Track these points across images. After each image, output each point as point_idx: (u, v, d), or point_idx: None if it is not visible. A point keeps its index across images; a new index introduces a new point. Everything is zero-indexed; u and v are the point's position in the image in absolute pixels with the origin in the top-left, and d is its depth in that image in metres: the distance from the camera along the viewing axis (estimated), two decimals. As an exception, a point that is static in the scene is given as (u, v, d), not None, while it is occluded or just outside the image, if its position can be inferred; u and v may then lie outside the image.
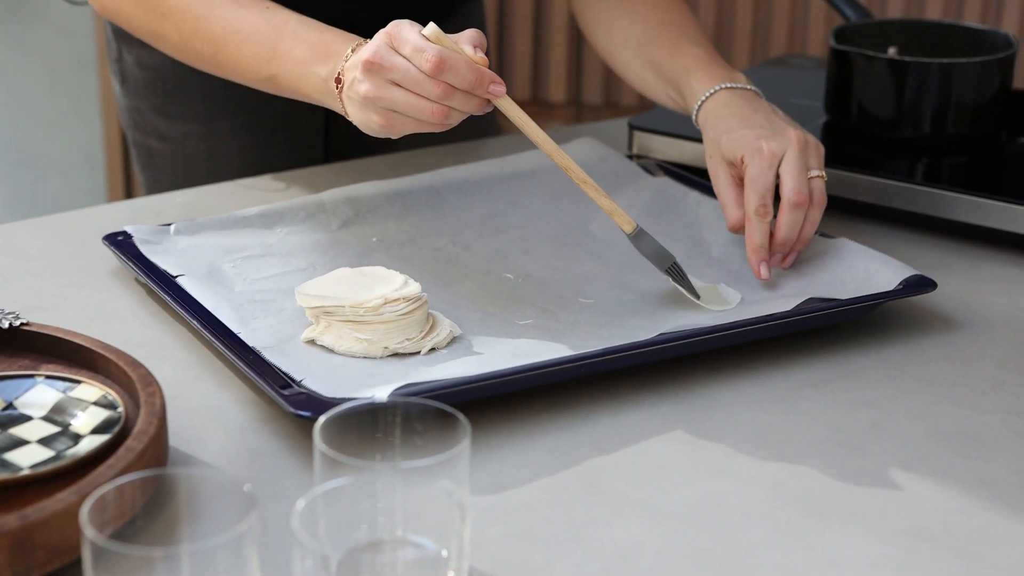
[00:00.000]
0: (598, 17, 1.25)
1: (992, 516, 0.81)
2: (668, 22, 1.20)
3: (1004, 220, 1.15)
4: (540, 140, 1.00)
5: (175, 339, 0.99)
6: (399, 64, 0.95)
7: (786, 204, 1.04)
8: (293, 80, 1.06)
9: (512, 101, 0.98)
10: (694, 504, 0.82)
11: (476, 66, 0.95)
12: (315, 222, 1.12)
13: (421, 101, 0.95)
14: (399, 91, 0.96)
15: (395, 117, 0.97)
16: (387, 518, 0.70)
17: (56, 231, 1.17)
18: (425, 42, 0.95)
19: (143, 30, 1.14)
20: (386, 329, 0.93)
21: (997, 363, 0.99)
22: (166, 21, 1.11)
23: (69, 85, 2.50)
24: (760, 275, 1.04)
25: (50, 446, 0.81)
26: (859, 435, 0.89)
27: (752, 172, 1.04)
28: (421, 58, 0.94)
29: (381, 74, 0.96)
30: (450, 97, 0.95)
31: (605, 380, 0.94)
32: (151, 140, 1.36)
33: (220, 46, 1.09)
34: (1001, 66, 1.26)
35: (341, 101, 1.01)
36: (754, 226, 1.04)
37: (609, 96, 2.38)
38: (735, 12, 2.32)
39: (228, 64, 1.10)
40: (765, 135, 1.05)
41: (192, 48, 1.11)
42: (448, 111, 0.96)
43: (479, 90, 0.96)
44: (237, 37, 1.08)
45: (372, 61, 0.96)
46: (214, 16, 1.08)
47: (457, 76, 0.95)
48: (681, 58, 1.16)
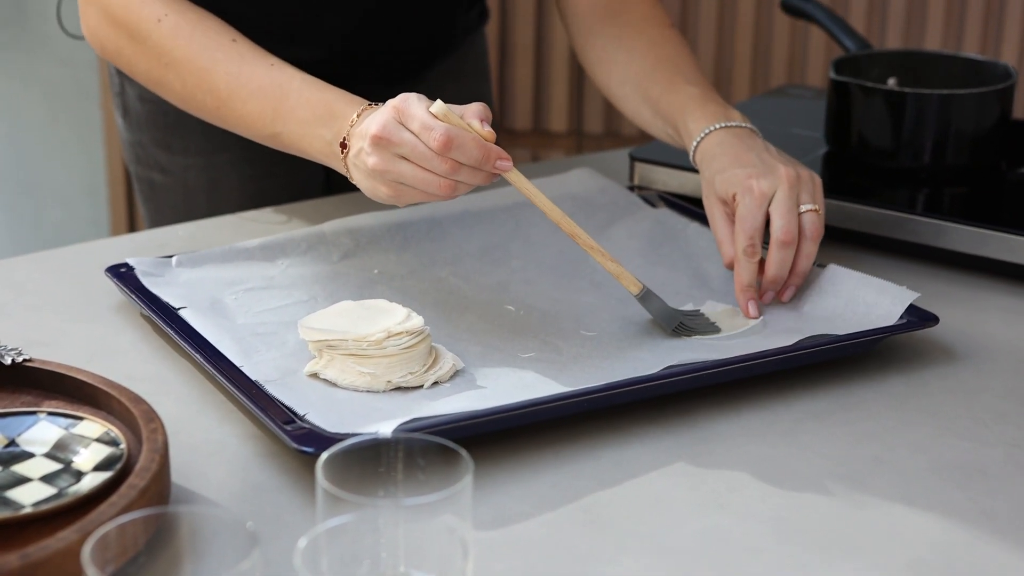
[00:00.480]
0: (597, 54, 1.26)
1: (995, 549, 0.81)
2: (664, 59, 1.21)
3: (1004, 250, 1.15)
4: (547, 209, 1.01)
5: (177, 373, 0.99)
6: (407, 140, 0.96)
7: (775, 243, 1.05)
8: (297, 140, 1.06)
9: (519, 173, 0.99)
10: (697, 538, 0.82)
11: (483, 142, 0.96)
12: (316, 254, 1.12)
13: (428, 175, 0.96)
14: (407, 165, 0.97)
15: (402, 189, 0.98)
16: (390, 554, 0.70)
17: (57, 265, 1.17)
18: (433, 119, 0.95)
19: (144, 77, 1.14)
20: (389, 363, 0.93)
21: (999, 395, 0.99)
22: (169, 71, 1.11)
23: (71, 117, 2.51)
24: (749, 313, 1.05)
25: (52, 483, 0.81)
26: (861, 468, 0.89)
27: (741, 211, 1.05)
28: (429, 136, 0.95)
29: (389, 148, 0.97)
30: (457, 172, 0.96)
31: (607, 414, 0.94)
32: (153, 173, 1.37)
33: (224, 100, 1.09)
34: (1000, 96, 1.27)
35: (346, 166, 1.02)
36: (742, 265, 1.05)
37: (610, 126, 2.39)
38: (735, 43, 2.33)
39: (232, 118, 1.10)
40: (756, 174, 1.06)
41: (195, 99, 1.11)
42: (455, 185, 0.97)
43: (486, 165, 0.96)
44: (241, 93, 1.08)
45: (380, 136, 0.96)
46: (218, 70, 1.09)
47: (464, 153, 0.95)
48: (677, 97, 1.17)
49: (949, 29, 2.27)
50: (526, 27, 2.36)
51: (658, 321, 1.03)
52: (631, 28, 1.23)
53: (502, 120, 2.36)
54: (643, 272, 1.13)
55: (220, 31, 1.10)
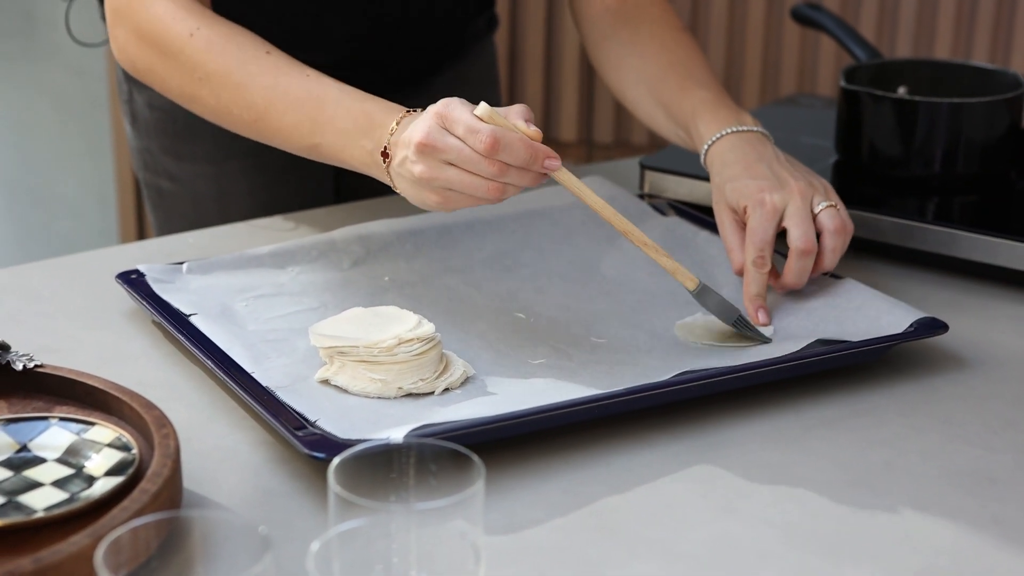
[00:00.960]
0: (610, 58, 1.26)
1: (1004, 555, 0.81)
2: (677, 62, 1.21)
3: (1015, 259, 1.15)
4: (599, 207, 1.00)
5: (188, 380, 0.99)
6: (453, 145, 0.95)
7: (794, 252, 1.05)
8: (337, 151, 1.05)
9: (568, 172, 0.99)
10: (708, 544, 0.82)
11: (530, 142, 0.95)
12: (327, 261, 1.13)
13: (476, 179, 0.95)
14: (454, 171, 0.96)
15: (450, 195, 0.97)
16: (401, 559, 0.70)
17: (69, 272, 1.18)
18: (478, 122, 0.94)
19: (178, 93, 1.12)
20: (400, 369, 0.94)
21: (1009, 402, 0.99)
22: (203, 86, 1.09)
23: (81, 125, 2.51)
24: (757, 321, 1.05)
25: (64, 488, 0.81)
26: (872, 474, 0.89)
27: (752, 224, 1.05)
28: (475, 139, 0.94)
29: (435, 155, 0.96)
30: (505, 174, 0.95)
31: (618, 420, 0.94)
32: (162, 180, 1.37)
33: (261, 114, 1.08)
34: (1010, 105, 1.27)
35: (389, 175, 1.01)
36: (751, 276, 1.05)
37: (620, 135, 2.39)
38: (745, 52, 2.33)
39: (269, 131, 1.09)
40: (767, 187, 1.06)
41: (231, 114, 1.10)
42: (504, 187, 0.96)
43: (534, 166, 0.96)
44: (279, 105, 1.06)
45: (426, 143, 0.95)
46: (254, 84, 1.07)
47: (512, 154, 0.94)
48: (689, 100, 1.17)
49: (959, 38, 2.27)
50: (536, 36, 2.36)
51: (716, 315, 1.03)
52: (644, 31, 1.24)
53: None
54: (654, 280, 1.13)
55: (254, 44, 1.09)
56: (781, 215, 1.06)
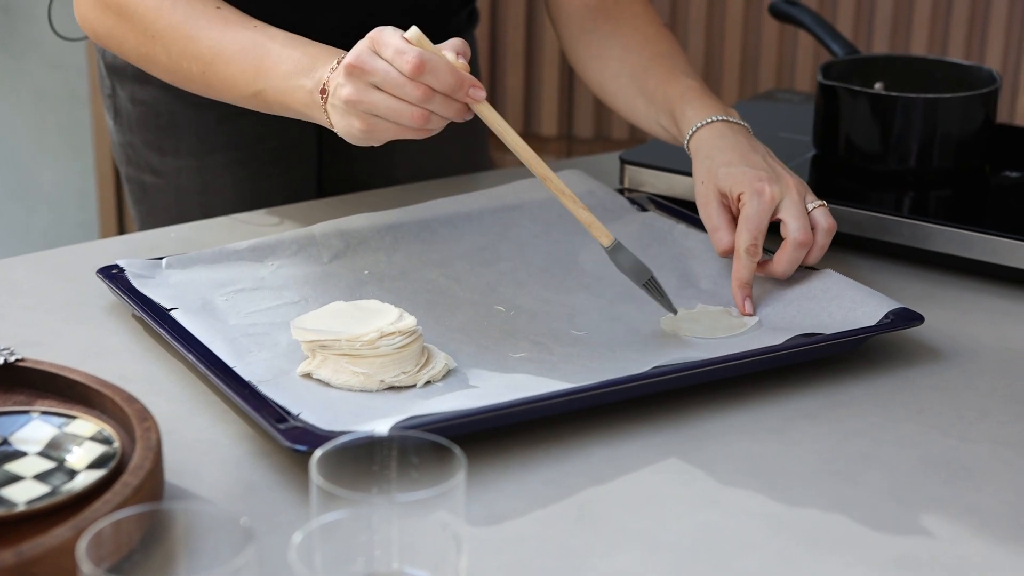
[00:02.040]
0: (590, 50, 1.26)
1: (980, 544, 0.82)
2: (662, 54, 1.22)
3: (989, 252, 1.16)
4: (519, 148, 1.00)
5: (170, 373, 1.00)
6: (380, 67, 0.96)
7: (792, 243, 1.06)
8: (279, 95, 1.06)
9: (492, 108, 0.99)
10: (688, 535, 0.82)
11: (456, 70, 0.96)
12: (307, 255, 1.13)
13: (401, 104, 0.96)
14: (379, 95, 0.97)
15: (376, 122, 0.98)
16: (383, 551, 0.71)
17: (50, 266, 1.18)
18: (407, 44, 0.96)
19: (134, 54, 1.15)
20: (382, 363, 0.94)
21: (984, 393, 1.00)
22: (155, 43, 1.12)
23: (61, 120, 2.51)
24: (744, 310, 1.06)
25: (46, 482, 0.81)
26: (850, 465, 0.90)
27: (748, 211, 1.06)
28: (402, 60, 0.95)
29: (362, 77, 0.97)
30: (430, 100, 0.96)
31: (599, 412, 0.94)
32: (144, 175, 1.37)
33: (208, 65, 1.10)
34: (985, 101, 1.28)
35: (326, 112, 1.02)
36: (743, 263, 1.06)
37: (600, 130, 2.40)
38: (724, 47, 2.34)
39: (216, 82, 1.10)
40: (765, 178, 1.07)
41: (181, 68, 1.12)
42: (428, 115, 0.97)
43: (459, 93, 0.96)
44: (224, 55, 1.08)
45: (354, 65, 0.97)
46: (201, 36, 1.09)
47: (437, 79, 0.95)
48: (675, 88, 1.18)
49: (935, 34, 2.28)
50: (516, 31, 2.37)
51: (628, 275, 1.03)
52: (626, 25, 1.25)
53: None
54: (632, 273, 1.14)
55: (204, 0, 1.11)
56: (776, 207, 1.07)
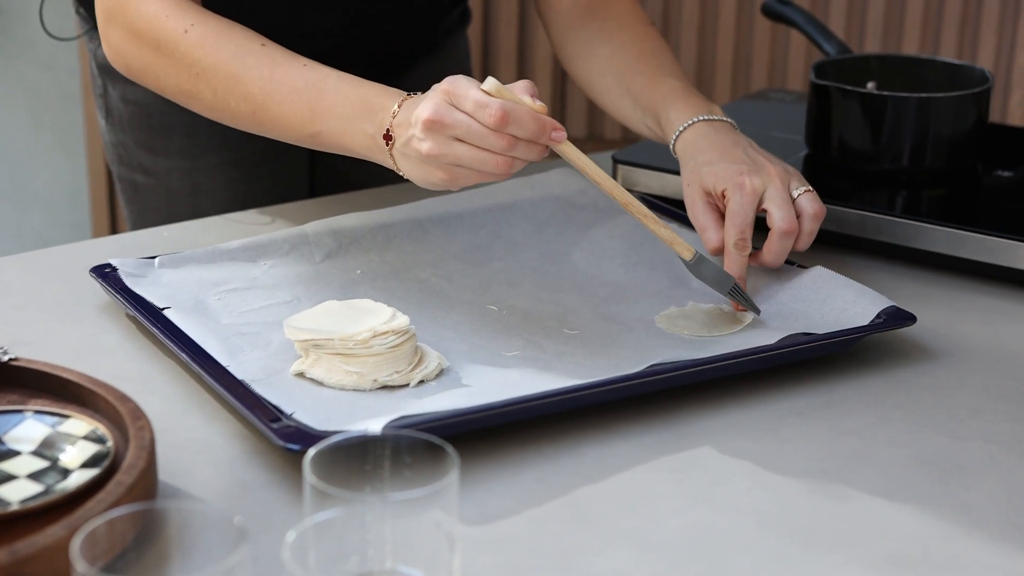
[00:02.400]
0: (577, 48, 1.27)
1: (972, 542, 0.82)
2: (647, 53, 1.22)
3: (981, 251, 1.16)
4: (600, 179, 1.02)
5: (163, 373, 1.00)
6: (462, 120, 0.96)
7: (776, 233, 1.06)
8: (337, 137, 1.05)
9: (572, 145, 1.00)
10: (681, 533, 0.82)
11: (537, 115, 0.97)
12: (299, 254, 1.13)
13: (485, 154, 0.96)
14: (462, 146, 0.96)
15: (458, 171, 0.98)
16: (377, 550, 0.71)
17: (43, 266, 1.18)
18: (487, 96, 0.96)
19: (174, 90, 1.12)
20: (375, 362, 0.94)
21: (976, 392, 1.00)
22: (199, 81, 1.09)
23: (53, 119, 2.50)
24: (738, 307, 1.06)
25: (39, 481, 0.81)
26: (842, 463, 0.90)
27: (733, 206, 1.06)
28: (484, 113, 0.95)
29: (443, 131, 0.96)
30: (514, 147, 0.96)
31: (592, 411, 0.94)
32: (136, 175, 1.37)
33: (259, 105, 1.07)
34: (977, 100, 1.28)
35: (392, 158, 1.01)
36: (733, 258, 1.06)
37: (593, 130, 2.40)
38: (716, 47, 2.34)
39: (268, 122, 1.08)
40: (746, 171, 1.07)
41: (228, 107, 1.09)
42: (512, 161, 0.97)
43: (542, 138, 0.97)
44: (276, 96, 1.06)
45: (434, 120, 0.96)
46: (251, 76, 1.07)
47: (521, 127, 0.96)
48: (660, 88, 1.18)
49: (927, 34, 2.29)
50: (509, 31, 2.37)
51: (711, 285, 1.05)
52: (613, 23, 1.25)
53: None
54: (624, 272, 1.14)
55: (248, 37, 1.09)
56: (760, 198, 1.07)
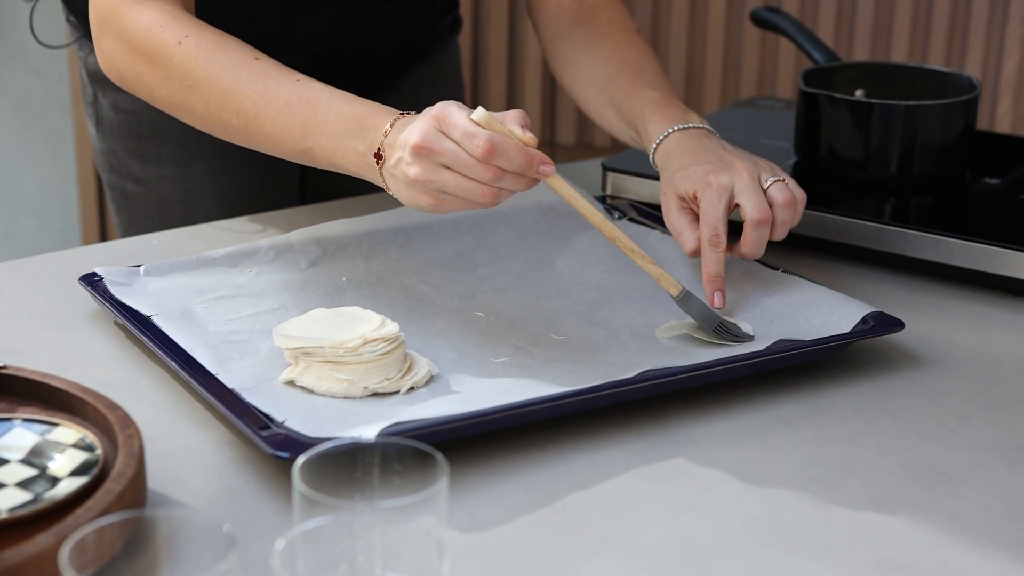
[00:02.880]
0: (563, 57, 1.27)
1: (959, 549, 0.82)
2: (629, 63, 1.23)
3: (969, 259, 1.17)
4: (588, 213, 1.01)
5: (152, 380, 1.00)
6: (449, 148, 0.95)
7: (749, 223, 1.07)
8: (328, 154, 1.05)
9: (560, 178, 1.00)
10: (670, 540, 0.83)
11: (526, 148, 0.96)
12: (284, 262, 1.13)
13: (471, 183, 0.96)
14: (449, 174, 0.96)
15: (444, 198, 0.98)
16: (366, 557, 0.71)
17: (31, 274, 1.18)
18: (475, 127, 0.95)
19: (166, 101, 1.12)
20: (365, 369, 0.94)
21: (964, 399, 1.00)
22: (192, 93, 1.09)
23: (42, 126, 2.50)
24: (715, 304, 1.07)
25: (28, 489, 0.81)
26: (830, 470, 0.91)
27: (703, 205, 1.07)
28: (472, 143, 0.95)
29: (431, 158, 0.96)
30: (500, 179, 0.96)
31: (581, 418, 0.95)
32: (126, 183, 1.37)
33: (251, 119, 1.07)
34: (965, 108, 1.29)
35: (382, 177, 1.01)
36: (708, 255, 1.07)
37: (582, 137, 2.40)
38: (706, 55, 2.35)
39: (260, 136, 1.08)
40: (714, 170, 1.08)
41: (220, 120, 1.09)
42: (498, 192, 0.97)
43: (529, 171, 0.96)
44: (268, 110, 1.06)
45: (422, 146, 0.96)
46: (244, 89, 1.07)
47: (508, 160, 0.95)
48: (638, 100, 1.19)
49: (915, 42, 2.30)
50: (499, 38, 2.37)
51: (699, 322, 1.04)
52: (597, 31, 1.25)
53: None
54: (608, 278, 1.14)
55: (242, 50, 1.08)
56: (731, 194, 1.07)
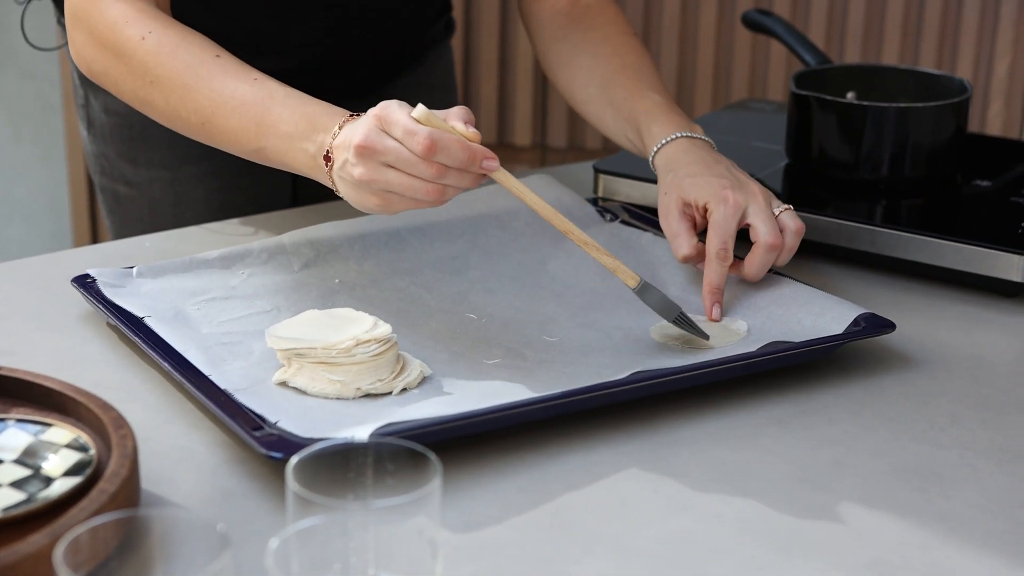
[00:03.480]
0: (560, 58, 1.27)
1: (950, 549, 0.83)
2: (629, 65, 1.23)
3: (960, 261, 1.17)
4: (538, 207, 1.01)
5: (145, 381, 1.00)
6: (391, 147, 0.96)
7: (762, 247, 1.08)
8: (281, 155, 1.05)
9: (507, 172, 0.99)
10: (662, 541, 0.83)
11: (467, 144, 0.96)
12: (277, 264, 1.13)
13: (416, 181, 0.96)
14: (393, 173, 0.96)
15: (391, 197, 0.98)
16: (360, 557, 0.71)
17: (25, 275, 1.18)
18: (416, 124, 0.95)
19: (130, 95, 1.12)
20: (358, 370, 0.94)
21: (955, 400, 1.01)
22: (153, 89, 1.09)
23: (34, 129, 2.50)
24: (712, 316, 1.07)
25: (22, 489, 0.81)
26: (822, 471, 0.91)
27: (716, 217, 1.08)
28: (413, 141, 0.95)
29: (374, 157, 0.96)
30: (444, 176, 0.96)
31: (574, 419, 0.95)
32: (118, 186, 1.37)
33: (208, 117, 1.08)
34: (956, 110, 1.29)
35: (331, 179, 1.02)
36: (714, 268, 1.07)
37: (574, 139, 2.41)
38: (697, 57, 2.35)
39: (216, 135, 1.09)
40: (730, 186, 1.09)
41: (180, 117, 1.10)
42: (443, 189, 0.97)
43: (472, 167, 0.96)
44: (224, 109, 1.06)
45: (364, 145, 0.96)
46: (202, 87, 1.07)
47: (449, 156, 0.95)
48: (641, 102, 1.19)
49: (906, 44, 2.31)
50: (490, 41, 2.38)
51: (659, 313, 1.04)
52: (596, 33, 1.26)
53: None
54: (601, 279, 1.15)
55: (204, 47, 1.09)
56: (744, 213, 1.08)
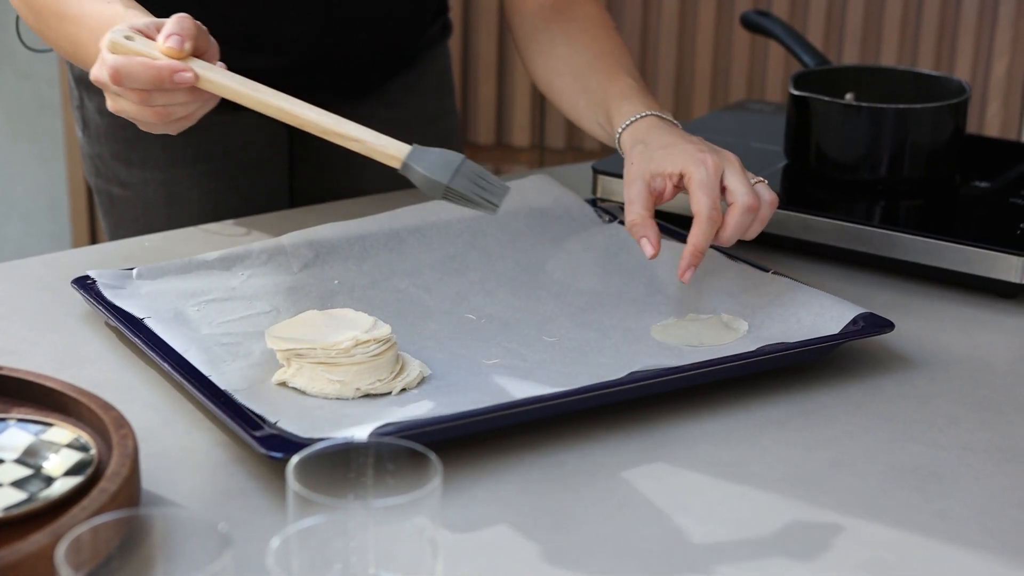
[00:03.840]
0: (540, 48, 1.28)
1: (949, 549, 0.83)
2: (606, 53, 1.24)
3: (958, 261, 1.18)
4: (260, 106, 0.96)
5: (145, 382, 1.00)
6: (103, 81, 0.97)
7: (740, 207, 1.05)
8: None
9: (211, 78, 0.94)
10: (660, 540, 0.83)
11: (151, 64, 0.94)
12: (276, 265, 1.13)
13: (139, 107, 0.96)
14: (123, 101, 0.97)
15: (137, 122, 0.99)
16: (360, 556, 0.71)
17: (24, 276, 1.18)
18: (107, 55, 0.95)
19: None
20: (358, 370, 0.94)
21: (953, 400, 1.01)
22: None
23: (32, 130, 2.50)
24: (684, 278, 1.05)
25: (23, 488, 0.81)
26: (820, 472, 0.91)
27: (699, 178, 1.05)
28: (102, 72, 0.96)
29: (106, 91, 0.98)
30: (149, 100, 0.95)
31: (573, 419, 0.95)
32: (112, 186, 1.37)
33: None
34: (955, 111, 1.29)
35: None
36: (703, 229, 1.04)
37: (572, 140, 2.41)
38: (696, 58, 2.36)
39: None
40: (706, 150, 1.07)
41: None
42: (163, 111, 0.96)
43: (165, 85, 0.94)
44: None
45: (95, 79, 0.98)
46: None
47: (135, 80, 0.94)
48: (615, 86, 1.19)
49: (904, 45, 2.31)
50: (489, 42, 2.38)
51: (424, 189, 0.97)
52: (576, 24, 1.26)
53: (465, 134, 2.38)
54: (599, 281, 1.15)
55: None
56: (722, 175, 1.06)
